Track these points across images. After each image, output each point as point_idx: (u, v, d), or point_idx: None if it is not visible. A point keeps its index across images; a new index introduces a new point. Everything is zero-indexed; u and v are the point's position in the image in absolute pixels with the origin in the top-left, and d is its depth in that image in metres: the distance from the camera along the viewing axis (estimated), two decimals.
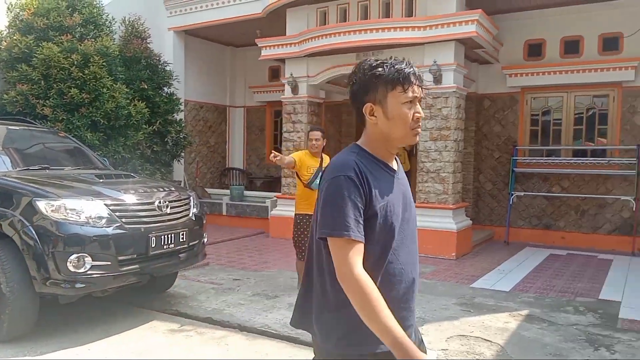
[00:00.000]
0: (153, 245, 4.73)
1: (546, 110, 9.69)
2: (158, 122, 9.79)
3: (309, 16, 9.44)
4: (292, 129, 9.79)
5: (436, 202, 8.30)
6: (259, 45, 9.96)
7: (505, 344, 4.46)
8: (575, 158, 9.27)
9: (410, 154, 10.46)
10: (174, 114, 10.36)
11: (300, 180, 5.63)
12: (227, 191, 11.46)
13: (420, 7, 8.36)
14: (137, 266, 4.63)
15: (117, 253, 4.44)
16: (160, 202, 4.94)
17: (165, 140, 10.22)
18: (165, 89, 10.33)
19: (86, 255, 4.26)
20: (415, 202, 8.33)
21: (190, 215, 5.37)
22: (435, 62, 8.10)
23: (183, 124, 10.78)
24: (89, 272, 4.28)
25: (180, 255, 5.14)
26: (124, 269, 4.52)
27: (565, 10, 9.19)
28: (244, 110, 13.43)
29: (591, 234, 9.12)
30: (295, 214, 5.74)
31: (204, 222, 5.66)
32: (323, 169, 5.41)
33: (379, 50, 8.81)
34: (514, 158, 9.56)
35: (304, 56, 9.45)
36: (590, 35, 9.09)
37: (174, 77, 10.41)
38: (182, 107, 10.83)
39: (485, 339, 4.55)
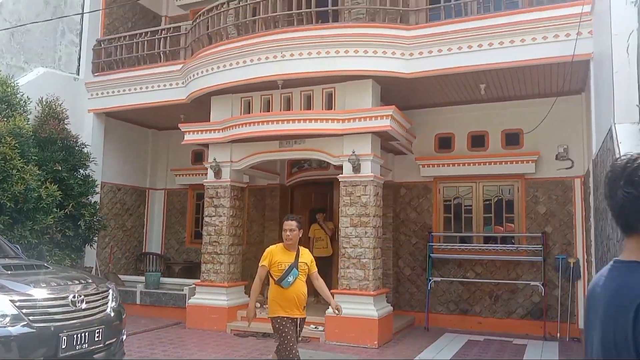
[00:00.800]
0: (64, 346, 4.30)
1: (457, 198, 10.25)
2: (71, 204, 9.40)
3: (233, 104, 9.66)
4: (214, 214, 9.67)
5: (358, 288, 8.33)
6: (182, 130, 9.98)
7: None
8: (487, 245, 9.77)
9: (332, 239, 10.57)
10: (89, 197, 9.99)
11: (272, 277, 5.18)
12: (142, 278, 10.92)
13: (339, 101, 8.82)
14: None
15: (21, 356, 4.02)
16: (74, 297, 4.57)
17: (78, 223, 9.74)
18: (81, 170, 10.00)
19: None
20: (337, 288, 8.36)
21: (108, 310, 4.98)
22: (353, 152, 8.45)
23: (98, 207, 10.37)
24: None
25: (95, 356, 4.69)
26: None
27: (471, 107, 10.02)
28: (165, 192, 13.17)
29: (505, 319, 9.44)
30: (272, 318, 5.18)
31: (124, 316, 5.27)
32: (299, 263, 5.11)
33: (301, 139, 9.11)
34: (430, 244, 9.91)
35: (228, 142, 9.55)
36: (494, 131, 9.91)
37: (90, 159, 10.14)
38: (97, 190, 10.48)
39: None
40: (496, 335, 9.07)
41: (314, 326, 8.62)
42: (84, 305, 4.63)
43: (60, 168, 9.30)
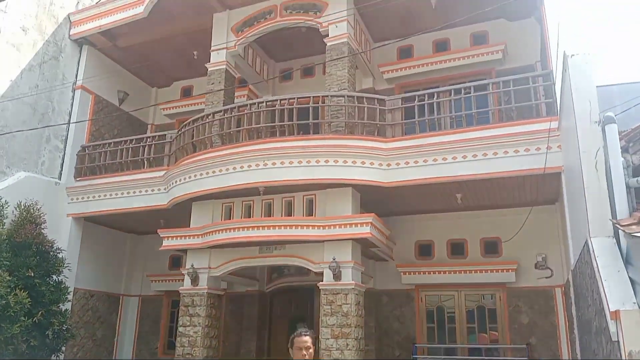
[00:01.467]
0: None
1: (440, 307, 10.08)
2: (40, 312, 9.00)
3: (214, 210, 9.68)
4: (189, 323, 9.30)
5: None
6: (161, 236, 9.88)
7: None
8: (472, 357, 9.46)
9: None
10: (60, 304, 9.59)
11: None
12: None
13: (320, 207, 8.92)
14: None
15: None
16: None
17: (46, 333, 9.26)
18: (54, 276, 9.69)
19: None
20: None
21: None
22: (334, 259, 8.40)
23: (68, 315, 9.93)
24: None
25: None
26: None
27: (449, 215, 10.19)
28: (139, 299, 12.73)
29: None
30: None
31: None
32: None
33: (282, 245, 9.07)
34: (415, 356, 9.58)
35: (207, 248, 9.44)
36: (473, 239, 10.01)
37: (65, 265, 9.87)
38: (69, 297, 10.10)
39: None
40: None
41: None
42: None
43: (32, 274, 9.03)
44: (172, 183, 9.90)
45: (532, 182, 8.40)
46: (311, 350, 3.92)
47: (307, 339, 3.95)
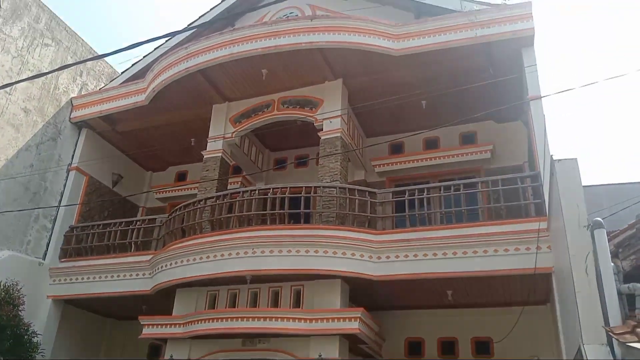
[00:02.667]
0: None
1: None
2: None
3: (198, 298, 9.44)
4: None
5: None
6: (142, 323, 9.54)
7: None
8: None
9: None
10: None
11: None
12: None
13: (308, 299, 8.73)
14: None
15: None
16: None
17: None
18: None
19: None
20: None
21: None
22: (320, 355, 8.09)
23: None
24: None
25: None
26: None
27: (440, 312, 9.97)
28: None
29: None
30: None
31: None
32: None
33: (266, 339, 8.76)
34: None
35: (188, 338, 9.09)
36: (464, 338, 9.73)
37: (39, 350, 9.44)
38: None
39: None
40: None
41: None
42: None
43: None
44: (158, 268, 9.72)
45: (523, 281, 8.32)
46: None
47: None
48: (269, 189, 9.48)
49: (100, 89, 12.66)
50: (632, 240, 5.38)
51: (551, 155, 6.32)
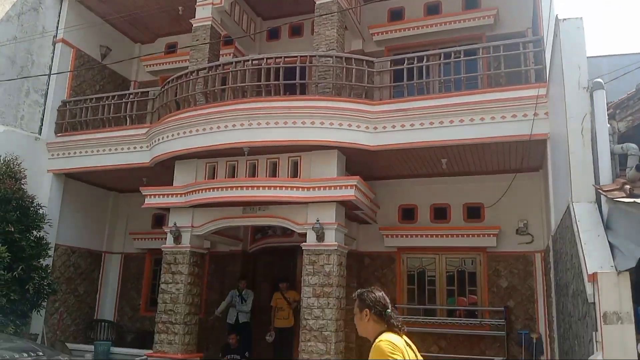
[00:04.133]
0: None
1: (421, 269, 10.23)
2: (20, 267, 8.96)
3: (197, 169, 9.58)
4: (171, 281, 9.32)
5: None
6: (144, 194, 9.78)
7: None
8: (451, 318, 9.67)
9: (296, 311, 10.25)
10: (40, 259, 9.54)
11: None
12: (92, 347, 10.29)
13: (305, 169, 8.87)
14: None
15: None
16: None
17: (26, 287, 9.23)
18: (35, 232, 9.61)
19: None
20: None
21: None
22: (318, 220, 8.42)
23: (49, 270, 9.90)
24: None
25: None
26: None
27: (433, 180, 10.22)
28: (122, 257, 12.70)
29: None
30: None
31: None
32: None
33: (266, 206, 9.04)
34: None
35: (190, 207, 9.38)
36: (456, 204, 10.09)
37: (45, 221, 9.77)
38: (50, 253, 10.05)
39: None
40: None
41: None
42: None
43: (12, 229, 8.94)
44: (155, 141, 9.75)
45: (518, 148, 8.42)
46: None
47: None
48: (263, 59, 9.20)
49: None
50: (630, 102, 5.33)
51: (556, 15, 6.05)
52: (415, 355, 2.96)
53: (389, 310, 2.98)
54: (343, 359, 8.57)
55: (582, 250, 4.50)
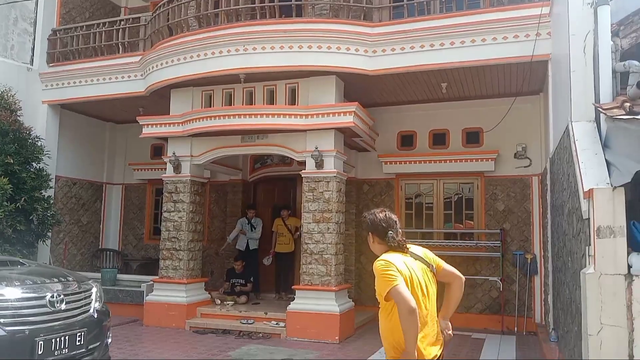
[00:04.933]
0: (40, 352, 3.81)
1: (419, 195, 10.35)
2: (23, 199, 9.04)
3: (194, 97, 9.46)
4: (173, 209, 9.46)
5: (319, 284, 8.31)
6: (141, 123, 9.72)
7: None
8: (447, 240, 9.89)
9: (297, 239, 10.47)
10: (42, 191, 9.62)
11: None
12: (98, 275, 10.59)
13: (303, 96, 8.76)
14: None
15: None
16: (53, 297, 4.09)
17: (31, 218, 9.39)
18: (34, 164, 9.63)
19: None
20: (300, 284, 8.33)
21: (92, 311, 4.52)
22: (316, 148, 8.41)
23: (52, 201, 10.01)
24: None
25: None
26: None
27: (433, 106, 10.13)
28: (123, 187, 12.82)
29: (464, 314, 9.53)
30: None
31: (109, 318, 4.82)
32: None
33: (264, 135, 9.01)
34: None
35: (188, 136, 9.36)
36: (455, 129, 10.05)
37: (44, 152, 9.76)
38: (51, 184, 10.11)
39: None
40: (455, 330, 9.10)
41: (275, 322, 8.57)
42: (63, 306, 4.16)
43: (12, 161, 8.95)
44: (149, 69, 9.56)
45: (519, 70, 8.27)
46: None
47: None
48: None
49: None
50: (635, 17, 5.17)
51: None
52: (429, 265, 3.18)
53: (390, 233, 3.11)
54: (342, 279, 8.84)
55: (579, 169, 4.53)
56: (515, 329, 9.15)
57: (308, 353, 7.28)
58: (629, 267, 3.89)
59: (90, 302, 4.55)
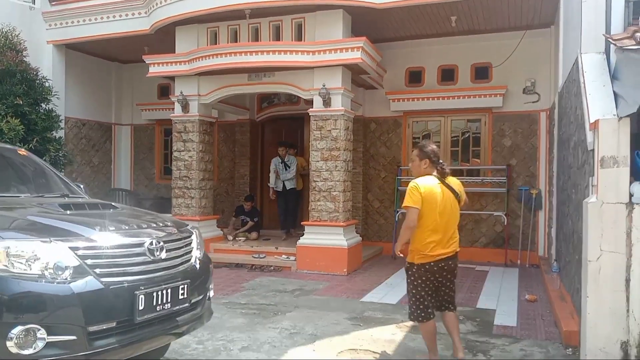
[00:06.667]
0: (141, 307, 3.24)
1: (426, 132, 10.37)
2: (35, 140, 9.15)
3: (199, 35, 9.36)
4: (183, 148, 9.58)
5: (328, 219, 8.52)
6: (147, 62, 9.68)
7: (392, 354, 4.67)
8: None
9: (304, 176, 10.59)
10: (53, 132, 9.72)
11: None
12: None
13: (309, 32, 8.64)
14: (115, 341, 3.12)
15: (87, 322, 2.99)
16: (152, 244, 3.48)
17: (43, 159, 9.52)
18: (43, 105, 9.68)
19: (38, 327, 2.83)
20: (308, 220, 8.53)
21: (193, 260, 3.90)
22: (324, 85, 8.39)
23: (63, 142, 10.14)
24: (42, 352, 2.84)
25: (178, 318, 3.58)
26: (98, 345, 3.04)
27: (441, 40, 9.96)
28: (131, 128, 12.91)
29: (469, 247, 9.78)
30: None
31: (211, 268, 4.19)
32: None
33: (271, 72, 8.97)
34: (399, 177, 10.11)
35: (195, 75, 9.33)
36: (464, 65, 9.93)
37: (53, 93, 9.78)
38: (61, 125, 10.20)
39: (373, 351, 4.73)
40: (460, 263, 9.39)
41: (285, 256, 8.86)
42: (163, 255, 3.54)
43: (21, 102, 8.98)
44: (153, 6, 9.41)
45: (530, 1, 8.08)
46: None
47: None
48: None
49: None
50: None
51: None
52: (455, 193, 4.22)
53: (441, 161, 4.19)
54: (350, 215, 9.05)
55: (587, 101, 4.54)
56: (519, 261, 9.41)
57: (318, 284, 7.58)
58: (631, 195, 3.98)
59: (191, 250, 3.95)
